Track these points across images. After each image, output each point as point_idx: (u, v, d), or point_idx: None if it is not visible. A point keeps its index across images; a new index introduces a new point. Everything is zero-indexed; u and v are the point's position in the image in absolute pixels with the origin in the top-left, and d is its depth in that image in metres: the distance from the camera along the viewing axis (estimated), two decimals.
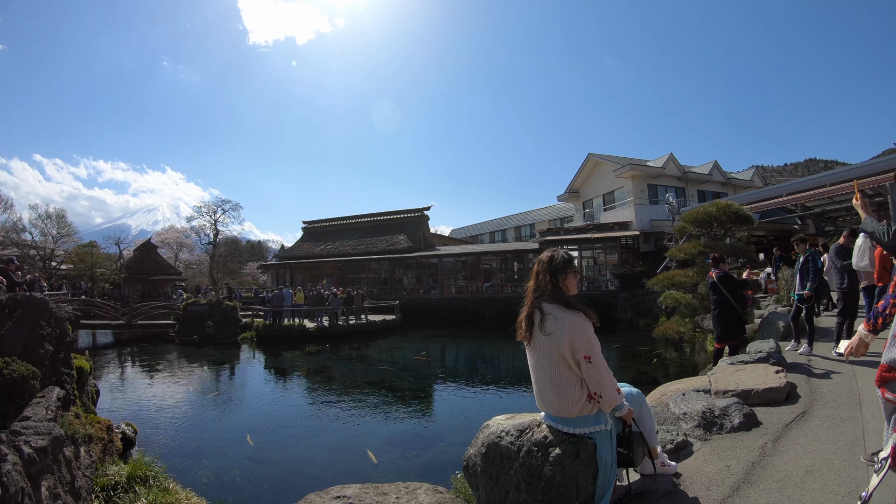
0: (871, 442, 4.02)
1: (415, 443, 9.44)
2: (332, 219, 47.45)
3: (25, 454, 3.84)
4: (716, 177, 38.41)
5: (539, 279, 3.33)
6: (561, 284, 3.25)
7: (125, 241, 47.90)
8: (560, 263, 3.30)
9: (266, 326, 24.94)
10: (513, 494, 3.15)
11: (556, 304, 3.20)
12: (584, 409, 3.13)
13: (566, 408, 3.16)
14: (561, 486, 2.99)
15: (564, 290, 3.26)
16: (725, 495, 3.36)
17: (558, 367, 3.15)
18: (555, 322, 3.14)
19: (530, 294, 3.35)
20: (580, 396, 3.12)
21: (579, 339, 3.06)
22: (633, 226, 33.31)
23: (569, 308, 3.17)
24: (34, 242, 40.37)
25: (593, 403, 3.12)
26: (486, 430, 3.48)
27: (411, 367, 17.48)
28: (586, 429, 3.16)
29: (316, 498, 3.54)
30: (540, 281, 3.32)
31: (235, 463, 8.30)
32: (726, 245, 13.14)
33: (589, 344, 3.05)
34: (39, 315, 6.51)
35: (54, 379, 6.30)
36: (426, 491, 3.60)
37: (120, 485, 5.73)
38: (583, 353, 3.04)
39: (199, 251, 57.56)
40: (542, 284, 3.30)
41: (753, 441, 4.36)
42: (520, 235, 56.03)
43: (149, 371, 17.61)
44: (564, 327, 3.09)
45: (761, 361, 6.93)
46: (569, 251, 3.47)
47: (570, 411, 3.17)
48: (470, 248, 42.24)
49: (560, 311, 3.17)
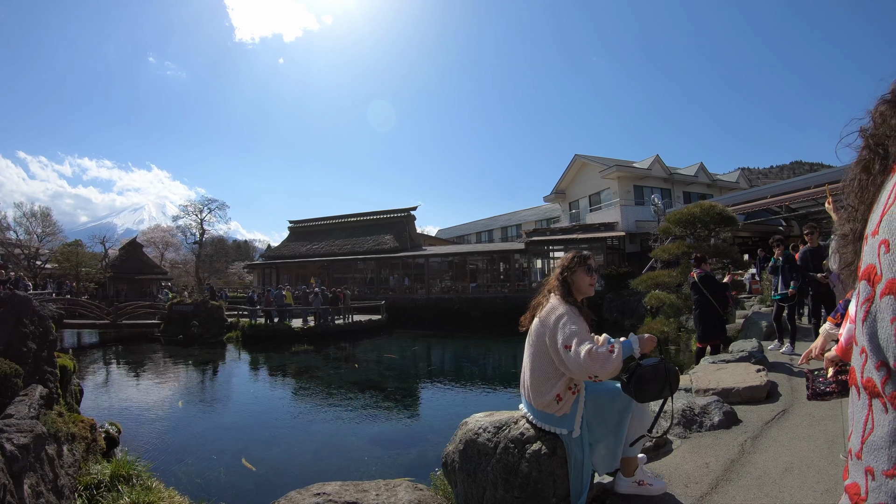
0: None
1: (398, 441, 9.46)
2: (318, 218, 47.34)
3: (7, 451, 3.83)
4: (701, 178, 38.68)
5: (553, 275, 3.42)
6: (569, 279, 3.30)
7: (111, 241, 47.46)
8: (573, 262, 3.34)
9: (252, 326, 24.81)
10: (490, 491, 3.18)
11: (558, 297, 3.26)
12: (550, 406, 3.17)
13: (535, 396, 3.22)
14: (538, 482, 3.03)
15: (571, 285, 3.29)
16: (704, 492, 3.40)
17: (538, 353, 3.21)
18: (548, 310, 3.21)
19: (543, 288, 3.45)
20: (549, 390, 3.16)
21: (562, 327, 3.07)
22: (619, 227, 33.49)
23: (565, 301, 3.22)
24: (19, 241, 39.93)
25: (560, 404, 3.14)
26: (464, 427, 3.51)
27: (396, 367, 17.49)
28: (549, 426, 3.22)
29: (297, 495, 3.55)
30: (554, 276, 3.39)
31: (219, 462, 8.28)
32: (710, 246, 13.26)
33: (570, 333, 3.03)
34: (23, 313, 6.46)
35: (37, 377, 6.26)
36: (406, 488, 3.63)
37: (103, 483, 5.71)
38: (563, 342, 3.04)
39: (185, 251, 57.20)
40: (554, 279, 3.37)
41: (733, 439, 4.41)
42: (506, 236, 56.15)
43: (133, 370, 17.48)
44: (553, 315, 3.15)
45: (743, 360, 7.01)
46: (586, 253, 3.48)
47: (537, 402, 3.22)
48: (456, 249, 42.25)
49: (557, 301, 3.23)
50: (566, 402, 3.14)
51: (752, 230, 27.71)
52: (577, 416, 3.18)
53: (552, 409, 3.16)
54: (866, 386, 0.85)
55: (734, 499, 3.29)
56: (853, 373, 0.91)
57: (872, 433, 0.83)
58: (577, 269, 3.31)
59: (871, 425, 0.84)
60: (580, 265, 3.32)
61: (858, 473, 0.86)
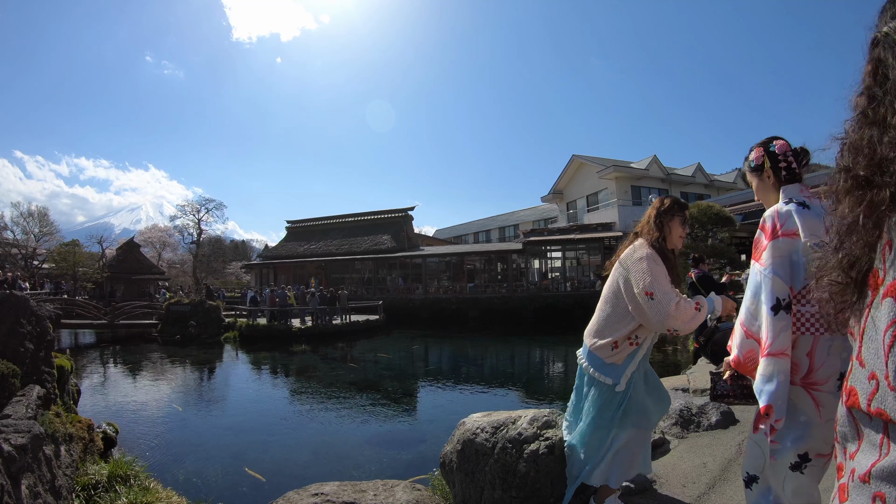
0: None
1: (396, 441, 9.46)
2: (316, 218, 47.28)
3: (5, 452, 3.82)
4: (699, 179, 38.73)
5: (644, 218, 3.14)
6: (664, 224, 3.02)
7: (108, 240, 47.38)
8: (672, 206, 3.07)
9: (250, 326, 24.80)
10: (488, 491, 3.18)
11: (645, 240, 3.01)
12: (603, 350, 3.00)
13: (593, 336, 3.07)
14: (535, 482, 3.03)
15: (663, 229, 3.01)
16: (701, 492, 3.41)
17: (611, 295, 3.04)
18: (630, 252, 3.01)
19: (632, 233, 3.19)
20: (609, 334, 2.99)
21: (644, 272, 2.84)
22: (617, 227, 33.51)
23: (652, 245, 2.96)
24: (16, 241, 39.87)
25: (614, 352, 2.96)
26: (462, 428, 3.52)
27: (394, 367, 17.50)
28: (593, 369, 3.06)
29: (294, 496, 3.56)
30: (645, 219, 3.12)
31: (217, 462, 8.28)
32: (707, 246, 13.28)
33: (653, 280, 2.80)
34: (20, 313, 6.45)
35: (35, 377, 6.25)
36: (404, 488, 3.63)
37: (101, 484, 5.70)
38: (644, 287, 2.81)
39: (183, 251, 57.11)
40: (645, 222, 3.11)
41: (730, 439, 4.42)
42: (504, 236, 56.17)
43: (131, 371, 17.46)
44: (634, 256, 2.94)
45: None
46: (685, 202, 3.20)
47: (592, 342, 3.07)
48: (454, 249, 42.27)
49: (643, 244, 2.99)
50: (621, 352, 2.97)
51: (750, 230, 27.69)
52: (627, 370, 2.97)
53: (603, 353, 3.00)
54: (877, 415, 0.80)
55: (732, 499, 3.30)
56: (854, 395, 0.87)
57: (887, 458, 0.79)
58: (674, 216, 3.03)
59: (886, 450, 0.79)
60: (678, 212, 3.05)
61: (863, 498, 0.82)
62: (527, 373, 16.93)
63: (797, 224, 2.11)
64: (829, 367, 2.05)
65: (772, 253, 2.15)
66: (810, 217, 2.11)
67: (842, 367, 2.02)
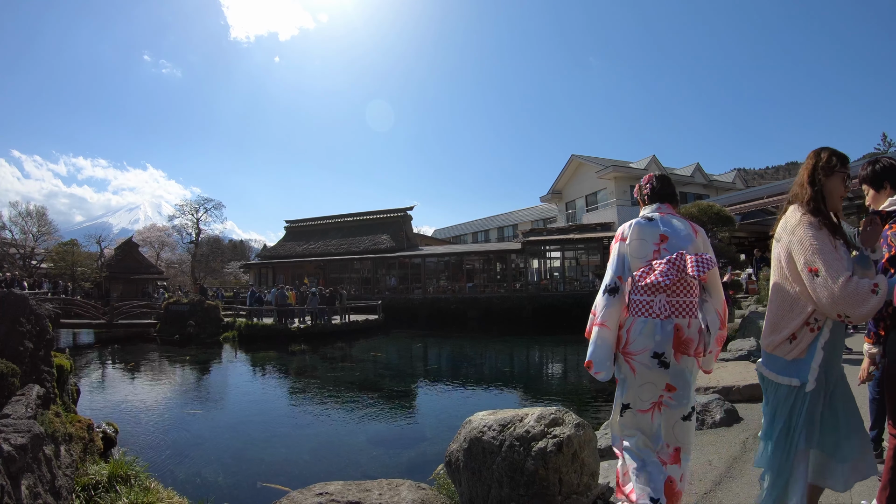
0: None
1: (398, 440, 9.43)
2: (315, 218, 47.22)
3: (5, 451, 3.79)
4: (698, 179, 38.79)
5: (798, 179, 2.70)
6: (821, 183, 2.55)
7: (107, 240, 47.40)
8: (831, 161, 2.58)
9: (249, 326, 24.78)
10: (495, 489, 3.16)
11: (799, 205, 2.56)
12: (782, 347, 2.52)
13: (768, 335, 2.60)
14: (543, 480, 3.01)
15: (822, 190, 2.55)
16: (707, 489, 3.40)
17: (777, 280, 2.61)
18: (783, 224, 2.60)
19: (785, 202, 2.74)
20: (786, 325, 2.51)
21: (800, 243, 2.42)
22: (616, 227, 33.51)
23: (808, 210, 2.50)
24: (14, 240, 39.87)
25: (793, 344, 2.48)
26: (468, 426, 3.48)
27: (394, 367, 17.48)
28: (775, 374, 2.57)
29: (298, 495, 3.52)
30: (798, 181, 2.69)
31: (217, 462, 8.25)
32: None
33: (813, 251, 2.36)
34: (19, 312, 6.42)
35: (34, 377, 6.22)
36: (409, 487, 3.60)
37: (101, 484, 5.67)
38: (805, 262, 2.38)
39: (181, 250, 57.14)
40: (797, 184, 2.67)
41: (735, 436, 4.42)
42: (502, 236, 56.21)
43: (130, 370, 17.42)
44: (788, 227, 2.53)
45: (742, 359, 7.04)
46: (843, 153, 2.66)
47: (768, 341, 2.59)
48: (453, 249, 42.25)
49: (797, 210, 2.55)
50: (801, 343, 2.47)
51: (749, 230, 27.79)
52: (814, 362, 2.45)
53: (783, 350, 2.51)
54: None
55: (738, 495, 3.30)
56: None
57: None
58: (834, 172, 2.56)
59: None
60: (840, 168, 2.56)
61: None
62: (526, 372, 16.91)
63: (629, 233, 2.97)
64: (639, 343, 2.78)
65: (613, 252, 3.04)
66: (647, 227, 2.94)
67: (655, 347, 2.74)
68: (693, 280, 2.83)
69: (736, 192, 32.96)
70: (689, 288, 2.84)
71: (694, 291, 2.87)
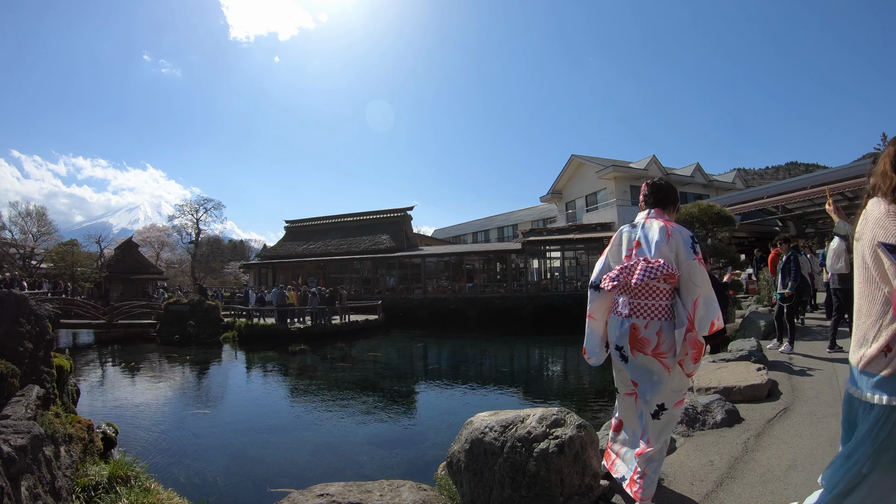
0: None
1: (398, 441, 9.43)
2: (315, 218, 47.21)
3: (5, 453, 3.78)
4: (698, 179, 38.81)
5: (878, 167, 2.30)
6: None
7: (106, 240, 47.43)
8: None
9: (248, 326, 24.79)
10: (497, 490, 3.15)
11: (882, 198, 2.21)
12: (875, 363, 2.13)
13: (857, 347, 2.23)
14: (545, 481, 3.00)
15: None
16: (709, 490, 3.40)
17: (861, 283, 2.26)
18: (864, 218, 2.26)
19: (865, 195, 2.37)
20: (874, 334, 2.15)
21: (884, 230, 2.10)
22: (616, 227, 33.52)
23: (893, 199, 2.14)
24: (14, 241, 39.88)
25: (889, 358, 2.08)
26: (469, 427, 3.48)
27: (394, 367, 17.47)
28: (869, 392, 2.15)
29: (299, 496, 3.52)
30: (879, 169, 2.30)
31: (217, 462, 8.25)
32: (708, 245, 13.29)
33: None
34: (19, 312, 6.41)
35: (34, 377, 6.21)
36: (409, 488, 3.60)
37: (101, 485, 5.66)
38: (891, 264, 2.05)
39: (181, 250, 57.16)
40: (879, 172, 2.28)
41: (736, 437, 4.41)
42: (502, 236, 56.23)
43: (130, 371, 17.41)
44: (870, 219, 2.20)
45: (743, 359, 7.02)
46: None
47: (857, 355, 2.21)
48: (453, 249, 42.20)
49: (876, 204, 2.21)
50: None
51: (749, 230, 27.83)
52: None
53: (877, 365, 2.11)
54: None
55: (740, 496, 3.29)
56: None
57: None
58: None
59: None
60: None
61: None
62: (526, 373, 16.90)
63: (614, 237, 3.45)
64: (611, 335, 3.28)
65: (604, 253, 3.51)
66: (627, 234, 3.36)
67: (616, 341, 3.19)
68: (651, 283, 3.05)
69: (736, 192, 33.00)
70: (652, 291, 3.06)
71: (658, 294, 3.06)
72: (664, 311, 3.04)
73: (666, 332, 3.01)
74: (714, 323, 3.00)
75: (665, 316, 3.04)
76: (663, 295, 3.06)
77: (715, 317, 3.00)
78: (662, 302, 3.04)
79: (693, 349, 3.00)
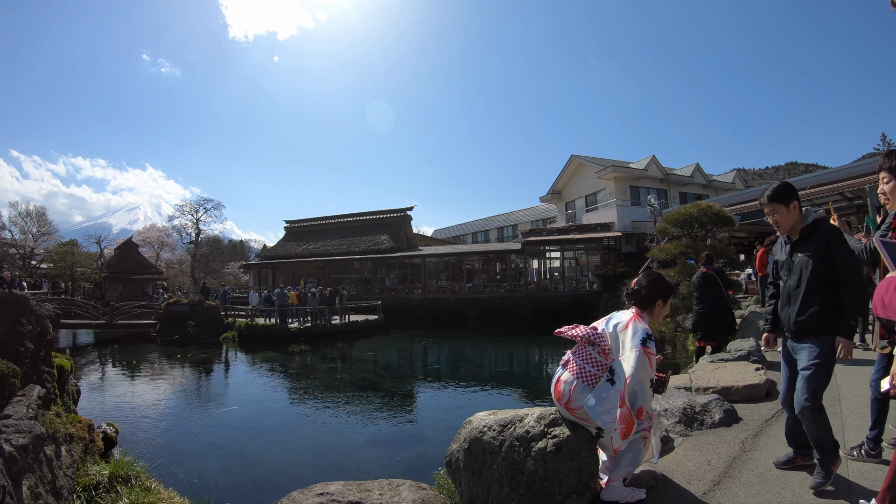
0: (851, 437, 4.09)
1: (398, 441, 9.44)
2: (314, 218, 47.23)
3: (7, 452, 3.80)
4: (697, 179, 38.80)
5: None
6: None
7: (106, 240, 47.45)
8: None
9: (248, 326, 24.81)
10: (496, 489, 3.17)
11: None
12: None
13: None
14: (543, 480, 3.02)
15: None
16: (707, 489, 3.41)
17: None
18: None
19: None
20: None
21: None
22: (615, 227, 33.58)
23: None
24: (14, 241, 39.89)
25: None
26: (468, 426, 3.49)
27: (394, 367, 17.49)
28: None
29: (299, 495, 3.53)
30: None
31: (218, 462, 8.26)
32: (707, 246, 13.30)
33: None
34: (20, 312, 6.42)
35: (35, 377, 6.23)
36: (409, 487, 3.61)
37: (101, 485, 5.67)
38: None
39: (181, 250, 57.15)
40: None
41: (734, 436, 4.42)
42: (502, 236, 56.19)
43: (130, 371, 17.42)
44: None
45: (741, 359, 7.03)
46: None
47: None
48: (452, 249, 42.24)
49: None
50: None
51: (748, 230, 27.78)
52: None
53: None
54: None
55: (737, 495, 3.30)
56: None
57: None
58: None
59: None
60: None
61: None
62: (526, 373, 16.93)
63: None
64: None
65: None
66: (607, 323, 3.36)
67: None
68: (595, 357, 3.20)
69: (736, 192, 32.95)
70: (588, 358, 3.21)
71: (592, 362, 3.18)
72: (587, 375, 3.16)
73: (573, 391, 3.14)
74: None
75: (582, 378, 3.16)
76: (596, 364, 3.19)
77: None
78: (591, 368, 3.17)
79: (623, 424, 2.98)
